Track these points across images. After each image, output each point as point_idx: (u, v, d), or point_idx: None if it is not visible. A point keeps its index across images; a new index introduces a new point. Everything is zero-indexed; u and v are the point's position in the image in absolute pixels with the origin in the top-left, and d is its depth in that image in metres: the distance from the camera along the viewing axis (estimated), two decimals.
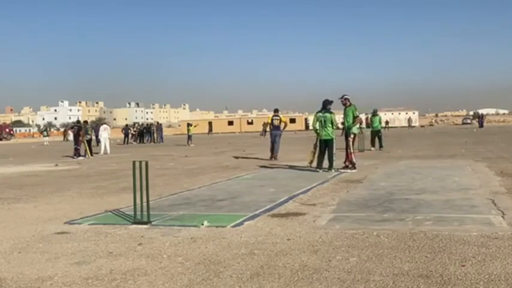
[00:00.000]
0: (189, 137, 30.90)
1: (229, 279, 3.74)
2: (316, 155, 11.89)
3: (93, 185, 10.57)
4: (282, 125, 16.71)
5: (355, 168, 11.42)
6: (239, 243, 4.83)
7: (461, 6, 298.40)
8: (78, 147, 20.62)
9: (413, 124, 67.41)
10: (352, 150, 11.65)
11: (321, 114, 11.68)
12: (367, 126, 22.79)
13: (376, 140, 19.63)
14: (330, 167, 11.44)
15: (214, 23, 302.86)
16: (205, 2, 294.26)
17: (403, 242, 4.62)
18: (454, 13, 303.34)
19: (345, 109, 12.00)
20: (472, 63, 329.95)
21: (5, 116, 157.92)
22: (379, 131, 19.86)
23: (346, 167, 11.52)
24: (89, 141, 21.73)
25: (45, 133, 47.93)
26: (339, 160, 12.07)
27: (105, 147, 24.00)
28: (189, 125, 32.28)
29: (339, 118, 15.09)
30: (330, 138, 11.59)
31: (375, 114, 20.72)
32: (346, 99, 11.87)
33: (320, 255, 4.29)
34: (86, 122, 23.86)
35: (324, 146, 11.69)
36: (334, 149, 11.66)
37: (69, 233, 5.59)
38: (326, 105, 11.67)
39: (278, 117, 16.58)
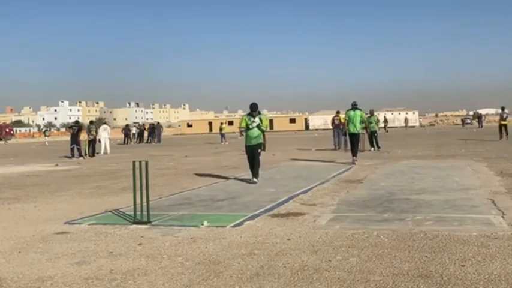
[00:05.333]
0: (223, 136, 32.96)
1: (229, 279, 3.74)
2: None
3: (93, 185, 10.57)
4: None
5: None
6: (239, 243, 4.83)
7: (461, 6, 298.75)
8: (79, 147, 20.63)
9: (410, 124, 67.40)
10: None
11: (247, 117, 10.14)
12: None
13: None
14: (255, 174, 9.90)
15: (214, 23, 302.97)
16: (205, 3, 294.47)
17: (403, 242, 4.62)
18: (454, 13, 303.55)
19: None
20: (472, 63, 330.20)
21: (5, 116, 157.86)
22: (374, 131, 19.85)
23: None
24: (92, 142, 21.73)
25: (46, 133, 48.59)
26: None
27: (105, 147, 24.00)
28: (221, 124, 36.80)
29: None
30: (259, 143, 10.11)
31: (371, 114, 20.73)
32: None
33: (320, 255, 4.29)
34: (91, 122, 23.85)
35: (251, 152, 10.14)
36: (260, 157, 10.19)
37: (69, 233, 5.59)
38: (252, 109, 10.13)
39: (338, 118, 20.38)
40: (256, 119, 10.00)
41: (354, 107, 13.73)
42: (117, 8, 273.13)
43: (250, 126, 9.99)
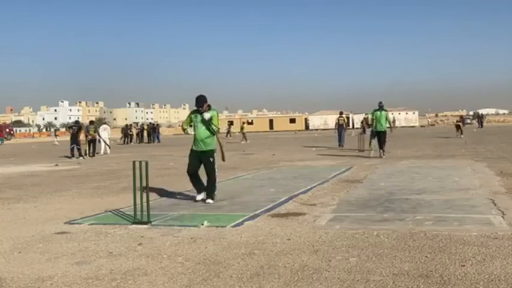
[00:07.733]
0: (244, 135, 34.64)
1: (229, 279, 3.74)
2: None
3: (93, 185, 10.57)
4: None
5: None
6: (239, 243, 4.83)
7: (460, 6, 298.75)
8: (79, 147, 20.64)
9: (411, 124, 67.58)
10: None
11: (193, 115, 7.69)
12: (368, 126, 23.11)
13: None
14: (209, 193, 7.55)
15: (214, 24, 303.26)
16: (205, 3, 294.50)
17: (403, 242, 4.62)
18: (453, 13, 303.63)
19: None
20: (472, 63, 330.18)
21: (5, 116, 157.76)
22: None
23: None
24: (93, 142, 21.72)
25: (56, 133, 50.75)
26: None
27: (105, 147, 24.00)
28: (242, 123, 39.40)
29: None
30: (210, 149, 7.61)
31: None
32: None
33: (320, 255, 4.29)
34: (91, 122, 23.85)
35: (200, 161, 7.65)
36: (216, 169, 7.70)
37: (69, 233, 5.59)
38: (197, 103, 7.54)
39: (342, 118, 22.47)
40: (206, 116, 7.44)
41: (381, 107, 15.26)
42: (117, 7, 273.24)
43: (197, 125, 7.54)
